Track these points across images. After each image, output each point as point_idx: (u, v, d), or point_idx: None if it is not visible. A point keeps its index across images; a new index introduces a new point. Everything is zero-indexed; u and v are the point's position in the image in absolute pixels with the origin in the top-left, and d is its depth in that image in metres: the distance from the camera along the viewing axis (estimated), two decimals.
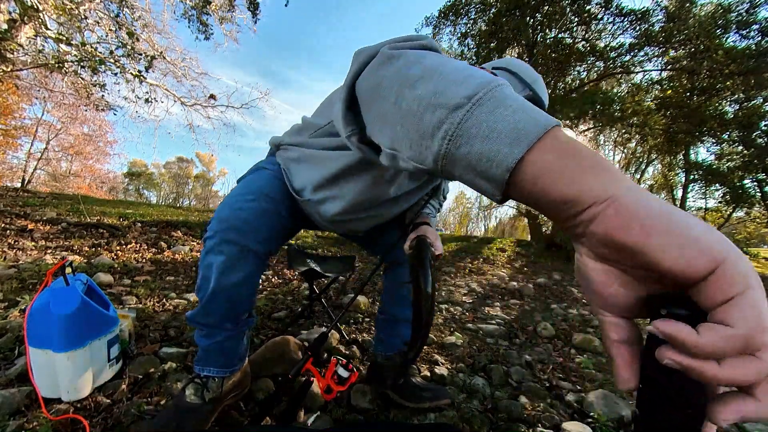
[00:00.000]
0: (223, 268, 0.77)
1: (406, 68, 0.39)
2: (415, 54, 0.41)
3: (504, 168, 0.30)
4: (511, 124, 0.30)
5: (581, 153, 0.28)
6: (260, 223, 0.79)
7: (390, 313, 1.11)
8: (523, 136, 0.29)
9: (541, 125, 0.29)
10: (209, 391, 0.85)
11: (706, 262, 0.21)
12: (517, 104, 0.31)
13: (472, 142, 0.31)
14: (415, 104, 0.36)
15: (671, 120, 7.76)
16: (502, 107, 0.31)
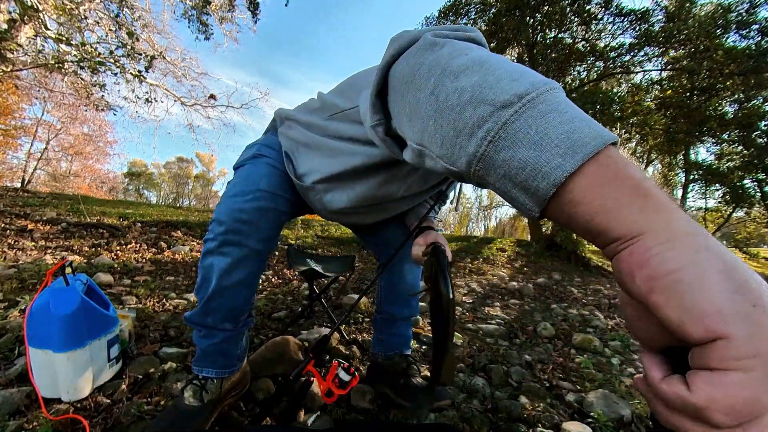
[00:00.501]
0: (225, 269, 0.76)
1: (450, 57, 0.35)
2: (462, 44, 0.36)
3: (551, 182, 0.27)
4: (566, 133, 0.27)
5: (629, 179, 0.26)
6: (261, 223, 0.77)
7: (388, 312, 1.10)
8: (578, 148, 0.26)
9: (599, 139, 0.26)
10: (208, 393, 0.84)
11: (702, 332, 0.20)
12: (572, 111, 0.28)
13: (516, 147, 0.28)
14: (455, 96, 0.32)
15: (671, 120, 7.76)
16: (556, 112, 0.28)
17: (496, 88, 0.30)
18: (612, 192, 0.25)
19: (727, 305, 0.20)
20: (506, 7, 7.52)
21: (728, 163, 9.11)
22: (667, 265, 0.22)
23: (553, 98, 0.29)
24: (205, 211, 7.35)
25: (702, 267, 0.21)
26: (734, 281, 0.21)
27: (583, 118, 0.28)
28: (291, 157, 0.82)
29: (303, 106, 0.86)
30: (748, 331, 0.20)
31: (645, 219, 0.24)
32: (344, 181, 0.75)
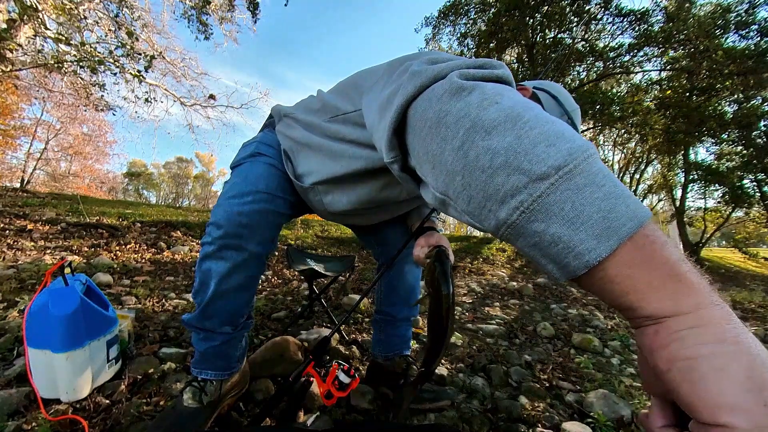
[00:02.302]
0: (224, 274, 0.74)
1: (479, 107, 0.32)
2: (493, 90, 0.34)
3: (583, 263, 0.27)
4: (602, 212, 0.26)
5: (663, 260, 0.26)
6: (260, 226, 0.75)
7: (387, 313, 1.10)
8: (614, 230, 0.26)
9: (635, 220, 0.26)
10: (207, 395, 0.84)
11: (707, 417, 0.22)
12: (609, 183, 0.27)
13: (549, 221, 0.27)
14: (488, 159, 0.30)
15: (671, 120, 7.77)
16: (594, 186, 0.27)
17: (532, 156, 0.28)
18: (645, 275, 0.26)
19: (738, 400, 0.21)
20: (506, 7, 7.52)
21: (728, 163, 9.12)
22: (687, 351, 0.23)
23: (591, 168, 0.28)
24: (204, 211, 7.35)
25: (722, 359, 0.22)
26: (753, 379, 0.22)
27: (619, 194, 0.27)
28: (290, 157, 0.80)
29: (303, 104, 0.84)
30: (752, 426, 0.21)
31: (675, 303, 0.25)
32: (345, 183, 0.74)
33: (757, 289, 5.13)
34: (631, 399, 1.20)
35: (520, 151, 0.29)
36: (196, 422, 0.80)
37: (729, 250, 13.30)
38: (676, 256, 0.26)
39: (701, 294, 0.25)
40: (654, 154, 11.35)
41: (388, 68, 0.57)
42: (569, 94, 0.78)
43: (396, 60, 0.58)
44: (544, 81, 0.80)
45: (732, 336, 0.23)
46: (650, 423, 0.28)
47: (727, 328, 0.23)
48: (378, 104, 0.48)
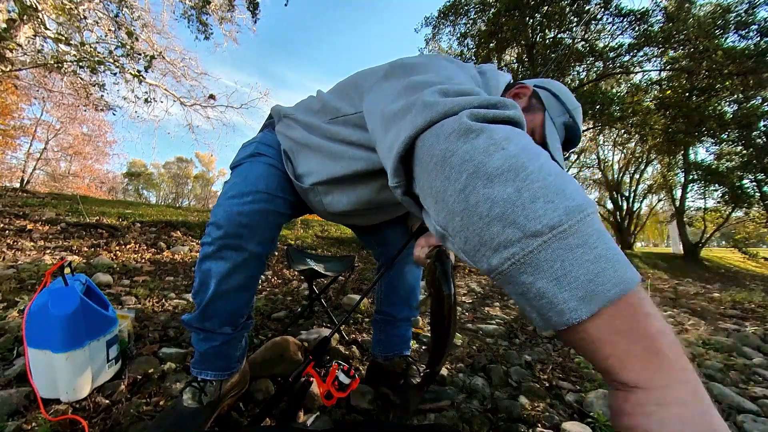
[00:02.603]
0: (224, 274, 0.74)
1: (485, 153, 0.32)
2: (501, 134, 0.34)
3: (563, 321, 0.28)
4: (589, 275, 0.27)
5: (644, 332, 0.27)
6: (261, 226, 0.75)
7: (387, 313, 1.10)
8: (597, 295, 0.27)
9: (621, 285, 0.27)
10: (207, 395, 0.83)
11: None
12: (602, 245, 0.28)
13: (537, 276, 0.28)
14: (486, 207, 0.31)
15: (670, 120, 7.77)
16: (585, 247, 0.28)
17: (529, 211, 0.29)
18: (624, 343, 0.27)
19: None
20: (506, 8, 7.52)
21: (727, 163, 9.13)
22: (649, 427, 0.25)
23: (586, 229, 0.28)
24: (204, 211, 7.35)
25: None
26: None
27: (610, 257, 0.28)
28: (291, 157, 0.80)
29: (303, 105, 0.84)
30: None
31: (648, 376, 0.26)
32: (345, 184, 0.74)
33: (756, 289, 5.13)
34: None
35: (519, 204, 0.29)
36: (196, 422, 0.80)
37: (729, 250, 13.30)
38: (657, 327, 0.27)
39: (675, 371, 0.26)
40: (654, 154, 11.35)
41: (390, 71, 0.57)
42: (570, 93, 0.78)
43: (397, 64, 0.58)
44: (546, 79, 0.80)
45: (696, 415, 0.25)
46: None
47: (693, 409, 0.25)
48: (382, 115, 0.48)
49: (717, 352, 1.80)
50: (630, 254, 10.73)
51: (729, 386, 1.35)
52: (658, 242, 36.88)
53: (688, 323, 2.54)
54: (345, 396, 0.83)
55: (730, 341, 1.95)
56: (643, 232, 20.78)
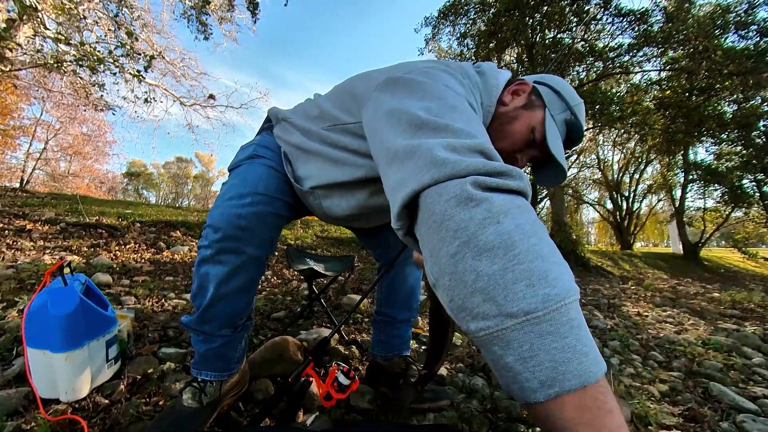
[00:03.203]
0: (222, 278, 0.73)
1: (479, 225, 0.34)
2: (500, 206, 0.35)
3: (522, 397, 0.31)
4: (554, 362, 0.29)
5: (602, 425, 0.28)
6: (260, 228, 0.73)
7: (387, 314, 1.10)
8: (558, 382, 0.29)
9: (581, 378, 0.29)
10: (207, 395, 0.83)
11: None
12: (573, 336, 0.30)
13: (507, 351, 0.31)
14: (472, 277, 0.33)
15: (670, 120, 7.78)
16: (555, 335, 0.30)
17: (509, 292, 0.31)
18: (579, 429, 0.29)
19: None
20: (505, 8, 7.52)
21: (727, 163, 9.14)
22: None
23: (560, 318, 0.30)
24: (204, 211, 7.35)
25: None
26: None
27: (579, 349, 0.30)
28: (290, 160, 0.79)
29: (300, 109, 0.83)
30: None
31: None
32: (344, 189, 0.73)
33: (756, 289, 5.13)
34: (631, 399, 1.20)
35: (501, 283, 0.31)
36: (196, 423, 0.80)
37: (728, 249, 13.32)
38: (616, 424, 0.29)
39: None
40: (653, 154, 11.37)
41: (388, 85, 0.57)
42: (572, 88, 0.75)
43: (396, 77, 0.57)
44: (547, 75, 0.78)
45: None
46: None
47: None
48: (384, 146, 0.49)
49: (717, 351, 1.80)
50: (630, 254, 10.74)
51: (729, 386, 1.36)
52: (657, 242, 36.90)
53: (688, 323, 2.54)
54: (344, 397, 0.82)
55: (730, 341, 1.95)
56: (642, 232, 20.78)
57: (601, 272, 6.22)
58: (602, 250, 11.86)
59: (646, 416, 1.07)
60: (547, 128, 0.68)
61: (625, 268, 8.10)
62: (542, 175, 0.77)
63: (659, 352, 1.79)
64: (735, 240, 11.12)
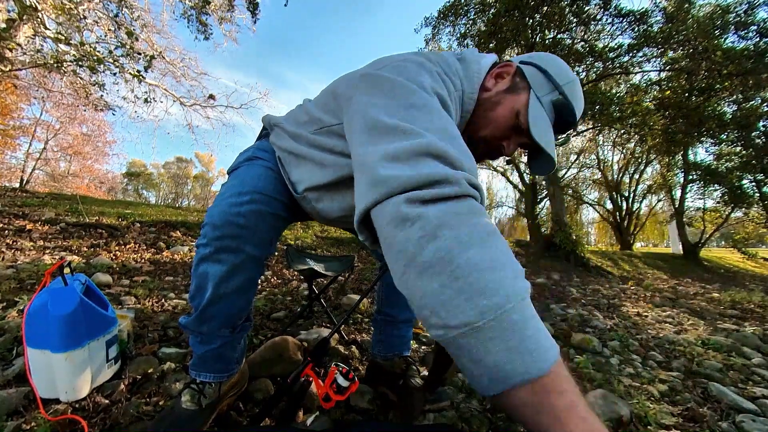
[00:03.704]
0: (221, 277, 0.72)
1: (417, 245, 0.37)
2: (436, 220, 0.37)
3: (480, 391, 0.37)
4: (498, 363, 0.34)
5: (552, 406, 0.32)
6: (259, 227, 0.73)
7: (388, 313, 1.10)
8: (503, 380, 0.34)
9: (525, 375, 0.33)
10: (206, 397, 0.83)
11: None
12: (515, 339, 0.34)
13: (460, 354, 0.36)
14: (418, 296, 0.38)
15: (670, 120, 7.78)
16: (497, 340, 0.34)
17: (449, 307, 0.35)
18: (533, 416, 0.33)
19: None
20: (505, 8, 7.52)
21: (727, 163, 9.15)
22: None
23: (500, 324, 0.33)
24: (204, 212, 7.34)
25: None
26: None
27: (521, 349, 0.33)
28: (283, 164, 0.80)
29: (291, 115, 0.84)
30: None
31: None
32: (333, 190, 0.73)
33: (756, 289, 5.14)
34: (630, 399, 1.20)
35: (441, 300, 0.35)
36: (195, 424, 0.80)
37: (728, 250, 13.32)
38: (566, 403, 0.32)
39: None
40: (653, 154, 11.36)
41: (361, 81, 0.58)
42: (565, 65, 0.69)
43: (369, 72, 0.59)
44: (536, 53, 0.73)
45: None
46: None
47: None
48: (353, 151, 0.51)
49: (716, 351, 1.81)
50: (629, 254, 10.74)
51: (728, 386, 1.36)
52: (657, 242, 36.90)
53: (688, 323, 2.54)
54: (343, 399, 0.82)
55: (729, 341, 1.95)
56: (642, 232, 20.78)
57: (600, 272, 6.22)
58: (602, 251, 11.86)
59: (645, 416, 1.07)
60: (530, 113, 0.64)
61: (624, 269, 8.10)
62: (535, 164, 0.73)
63: (659, 352, 1.79)
64: (735, 240, 11.13)
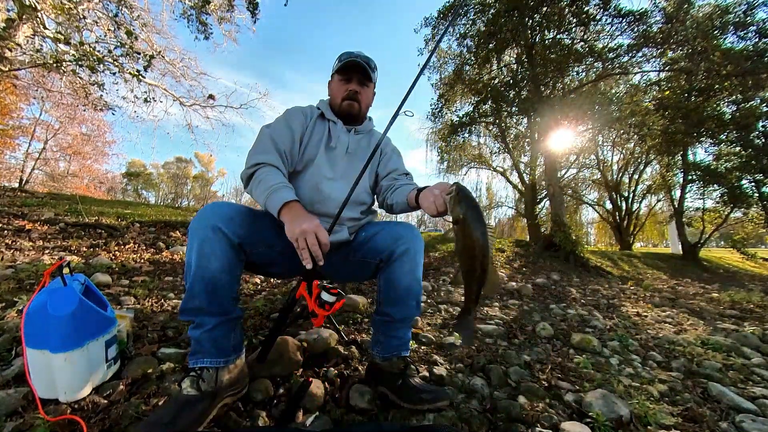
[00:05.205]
0: (198, 249, 0.86)
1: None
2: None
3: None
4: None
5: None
6: (237, 216, 0.91)
7: (387, 313, 1.10)
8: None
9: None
10: (204, 382, 0.86)
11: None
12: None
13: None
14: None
15: (669, 120, 7.78)
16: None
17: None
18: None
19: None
20: (505, 8, 7.52)
21: (726, 163, 9.14)
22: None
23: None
24: None
25: None
26: None
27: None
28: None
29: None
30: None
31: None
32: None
33: (755, 289, 5.14)
34: (630, 399, 1.20)
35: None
36: (196, 410, 0.81)
37: (727, 250, 13.32)
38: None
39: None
40: (653, 154, 11.36)
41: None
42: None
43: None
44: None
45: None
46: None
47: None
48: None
49: (716, 351, 1.81)
50: (629, 254, 10.74)
51: (728, 386, 1.36)
52: (657, 242, 36.92)
53: (687, 323, 2.54)
54: (328, 314, 0.88)
55: (729, 341, 1.95)
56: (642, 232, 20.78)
57: (600, 272, 6.22)
58: (602, 251, 11.86)
59: (645, 416, 1.07)
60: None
61: (624, 269, 8.11)
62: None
63: (658, 352, 1.79)
64: (734, 240, 11.11)
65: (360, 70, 1.17)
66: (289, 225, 0.84)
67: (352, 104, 1.20)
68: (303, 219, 0.84)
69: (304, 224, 0.82)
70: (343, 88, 1.20)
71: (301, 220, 0.83)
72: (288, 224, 0.84)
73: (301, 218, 0.84)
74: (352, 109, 1.21)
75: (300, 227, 0.82)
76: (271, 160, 1.03)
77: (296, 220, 0.84)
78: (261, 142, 1.08)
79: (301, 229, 0.81)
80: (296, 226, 0.82)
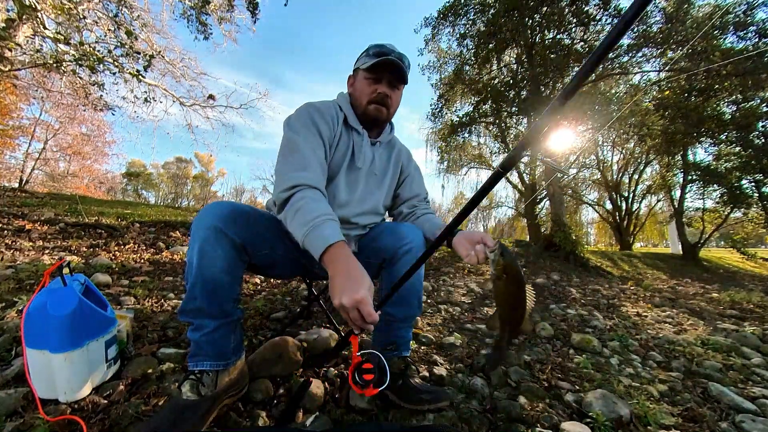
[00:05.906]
0: (200, 250, 0.83)
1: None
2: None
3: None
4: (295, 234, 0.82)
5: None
6: (239, 216, 0.88)
7: (387, 313, 1.10)
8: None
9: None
10: (204, 386, 0.85)
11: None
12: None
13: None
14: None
15: (669, 121, 7.78)
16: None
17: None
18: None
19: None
20: (505, 8, 7.52)
21: (726, 163, 9.14)
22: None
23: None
24: None
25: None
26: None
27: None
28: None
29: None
30: None
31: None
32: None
33: (755, 289, 5.14)
34: (630, 399, 1.20)
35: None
36: (196, 414, 0.80)
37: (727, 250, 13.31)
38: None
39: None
40: (653, 154, 11.37)
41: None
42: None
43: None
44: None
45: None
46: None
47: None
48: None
49: (716, 352, 1.81)
50: (629, 254, 10.74)
51: (728, 386, 1.36)
52: (657, 242, 36.93)
53: (687, 323, 2.54)
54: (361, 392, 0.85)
55: (729, 341, 1.95)
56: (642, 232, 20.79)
57: (600, 272, 6.22)
58: (601, 251, 11.86)
59: (645, 416, 1.07)
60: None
61: (624, 269, 8.11)
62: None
63: (658, 352, 1.79)
64: (734, 240, 11.10)
65: (393, 69, 1.00)
66: (333, 288, 0.71)
67: (380, 109, 1.04)
68: (347, 285, 0.69)
69: (344, 297, 0.68)
70: (371, 89, 1.02)
71: (346, 287, 0.69)
72: (331, 283, 0.71)
73: (346, 284, 0.70)
74: (380, 115, 1.05)
75: (340, 300, 0.68)
76: (310, 180, 0.86)
77: (341, 283, 0.70)
78: (295, 154, 0.90)
79: (340, 303, 0.68)
80: (340, 295, 0.69)
